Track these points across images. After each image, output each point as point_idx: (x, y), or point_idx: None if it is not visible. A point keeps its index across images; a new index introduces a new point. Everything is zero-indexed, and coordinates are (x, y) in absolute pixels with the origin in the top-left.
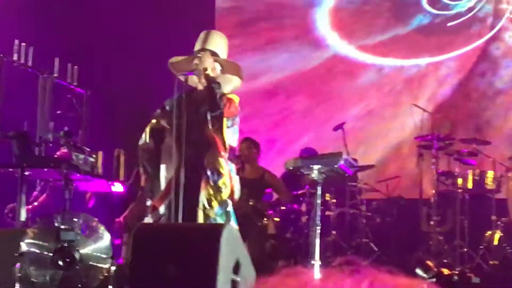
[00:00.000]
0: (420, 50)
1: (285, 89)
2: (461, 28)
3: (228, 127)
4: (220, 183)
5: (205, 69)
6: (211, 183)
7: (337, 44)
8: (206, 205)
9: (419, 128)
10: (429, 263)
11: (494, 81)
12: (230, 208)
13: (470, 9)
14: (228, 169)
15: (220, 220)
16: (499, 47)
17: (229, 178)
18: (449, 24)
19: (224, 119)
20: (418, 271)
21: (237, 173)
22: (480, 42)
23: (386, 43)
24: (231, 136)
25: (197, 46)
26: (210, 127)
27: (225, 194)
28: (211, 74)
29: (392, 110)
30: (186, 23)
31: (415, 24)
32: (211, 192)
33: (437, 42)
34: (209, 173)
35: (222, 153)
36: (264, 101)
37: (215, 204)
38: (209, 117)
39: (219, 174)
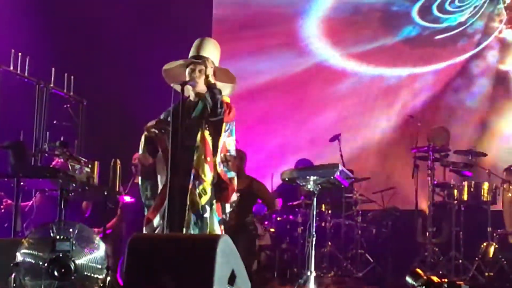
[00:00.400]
0: (404, 61)
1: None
2: (448, 42)
3: (225, 131)
4: (199, 188)
5: (207, 76)
6: (192, 188)
7: (327, 53)
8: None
9: (414, 140)
10: (419, 271)
11: (466, 99)
12: (207, 214)
13: (461, 24)
14: (211, 176)
15: (192, 230)
16: (478, 64)
17: (215, 184)
18: (436, 37)
19: (223, 124)
20: (408, 279)
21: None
22: (462, 58)
23: (374, 52)
24: (229, 139)
25: (192, 53)
26: (204, 131)
27: (203, 200)
28: (212, 81)
29: (387, 120)
30: (182, 33)
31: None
32: (193, 196)
33: (421, 54)
34: (192, 177)
35: (208, 158)
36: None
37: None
38: (205, 122)
39: (200, 180)
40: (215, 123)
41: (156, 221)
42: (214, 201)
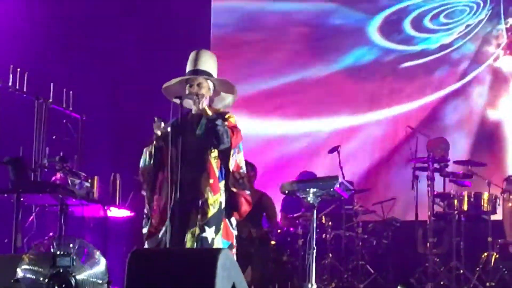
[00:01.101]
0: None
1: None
2: (420, 73)
3: (233, 155)
4: (201, 209)
5: (205, 111)
6: (199, 207)
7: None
8: (198, 230)
9: (414, 150)
10: (412, 280)
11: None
12: (207, 234)
13: (443, 47)
14: (214, 198)
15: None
16: (457, 106)
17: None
18: (402, 65)
19: (231, 150)
20: None
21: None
22: (438, 95)
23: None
24: (239, 155)
25: (189, 67)
26: (210, 154)
27: (203, 219)
28: (209, 112)
29: (387, 132)
30: (181, 46)
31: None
32: (200, 215)
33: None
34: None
35: (211, 180)
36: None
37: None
38: (210, 145)
39: (203, 201)
40: (223, 151)
41: (161, 234)
42: (221, 226)
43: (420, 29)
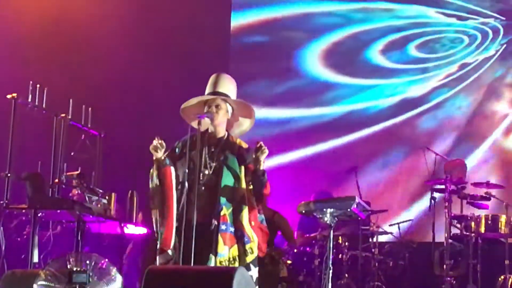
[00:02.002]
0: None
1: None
2: None
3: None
4: (247, 246)
5: (259, 167)
6: (241, 243)
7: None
8: (231, 261)
9: (431, 171)
10: None
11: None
12: (252, 272)
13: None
14: (257, 239)
15: None
16: None
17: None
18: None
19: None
20: None
21: None
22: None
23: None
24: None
25: (208, 89)
26: (250, 194)
27: (249, 258)
28: (224, 121)
29: (405, 152)
30: (199, 65)
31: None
32: (240, 251)
33: None
34: (240, 233)
35: (253, 223)
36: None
37: (247, 260)
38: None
39: (249, 238)
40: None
41: (171, 251)
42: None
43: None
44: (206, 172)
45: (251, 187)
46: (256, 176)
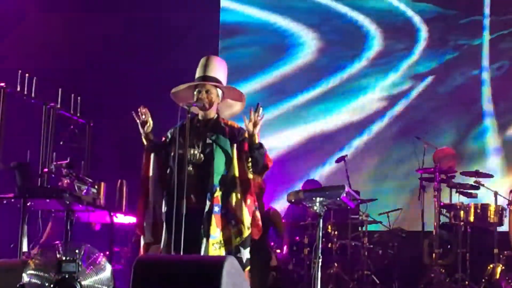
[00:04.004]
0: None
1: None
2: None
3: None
4: (234, 228)
5: (254, 140)
6: (231, 225)
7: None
8: (221, 243)
9: (421, 161)
10: None
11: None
12: (242, 255)
13: None
14: (249, 220)
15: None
16: None
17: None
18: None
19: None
20: None
21: None
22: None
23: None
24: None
25: (198, 73)
26: (248, 170)
27: (237, 240)
28: (214, 105)
29: (395, 142)
30: (189, 49)
31: None
32: (229, 234)
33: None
34: (230, 215)
35: (248, 201)
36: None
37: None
38: (246, 159)
39: (237, 221)
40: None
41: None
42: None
43: None
44: (196, 152)
45: (249, 164)
46: (254, 150)
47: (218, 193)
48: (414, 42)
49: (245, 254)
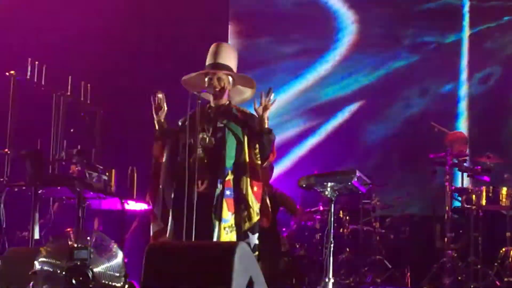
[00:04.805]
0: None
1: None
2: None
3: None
4: (244, 213)
5: (264, 125)
6: (241, 210)
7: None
8: (232, 227)
9: (433, 145)
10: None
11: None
12: (250, 240)
13: None
14: (258, 206)
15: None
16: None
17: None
18: None
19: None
20: None
21: None
22: None
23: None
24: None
25: (209, 60)
26: (255, 155)
27: (247, 225)
28: (226, 92)
29: (408, 126)
30: (199, 35)
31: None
32: (239, 218)
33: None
34: (240, 199)
35: (255, 188)
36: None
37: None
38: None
39: (246, 205)
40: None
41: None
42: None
43: None
44: (206, 136)
45: (256, 150)
46: (263, 134)
47: (230, 177)
48: None
49: (253, 239)
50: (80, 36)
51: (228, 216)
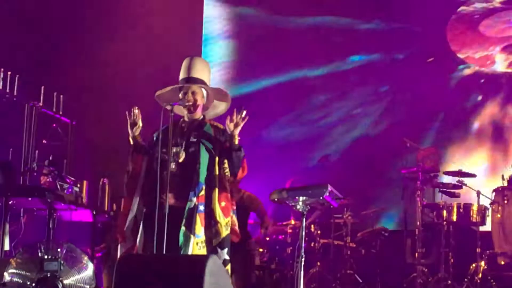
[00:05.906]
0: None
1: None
2: None
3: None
4: (214, 228)
5: (234, 141)
6: (211, 225)
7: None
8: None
9: (404, 160)
10: None
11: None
12: (220, 255)
13: None
14: (225, 220)
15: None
16: None
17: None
18: None
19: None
20: None
21: None
22: None
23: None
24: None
25: (182, 74)
26: (224, 171)
27: (216, 241)
28: (200, 106)
29: (379, 141)
30: (173, 50)
31: None
32: (209, 234)
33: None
34: (210, 215)
35: (223, 203)
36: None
37: (214, 242)
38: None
39: (215, 221)
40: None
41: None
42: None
43: None
44: (179, 150)
45: (225, 165)
46: (232, 151)
47: (203, 192)
48: None
49: (222, 255)
50: (53, 47)
51: (201, 231)
